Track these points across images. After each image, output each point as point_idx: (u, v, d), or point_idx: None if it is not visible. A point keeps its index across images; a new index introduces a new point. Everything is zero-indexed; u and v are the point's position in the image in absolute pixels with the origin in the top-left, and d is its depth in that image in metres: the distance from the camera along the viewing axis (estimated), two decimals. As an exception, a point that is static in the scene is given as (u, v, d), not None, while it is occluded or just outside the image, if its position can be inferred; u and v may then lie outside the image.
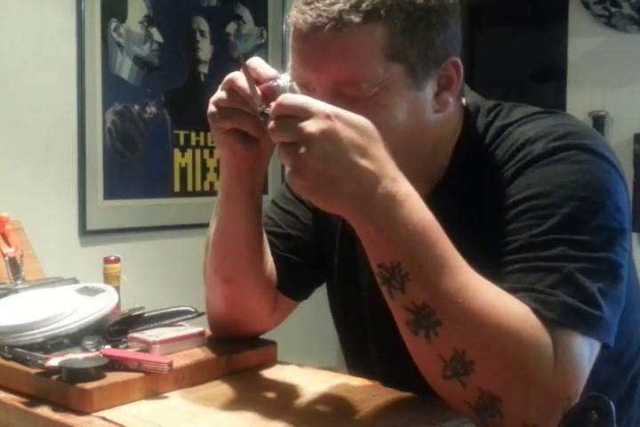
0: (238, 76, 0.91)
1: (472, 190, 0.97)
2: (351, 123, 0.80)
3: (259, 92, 0.89)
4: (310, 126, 0.78)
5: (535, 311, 0.81)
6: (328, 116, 0.79)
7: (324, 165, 0.78)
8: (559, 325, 0.81)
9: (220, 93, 0.93)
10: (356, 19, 0.87)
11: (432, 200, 0.96)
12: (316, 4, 0.88)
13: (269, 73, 0.91)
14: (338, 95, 0.89)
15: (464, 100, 1.02)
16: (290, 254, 1.12)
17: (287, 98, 0.82)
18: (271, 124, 0.82)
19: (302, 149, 0.78)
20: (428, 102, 0.93)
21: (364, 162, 0.79)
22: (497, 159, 0.95)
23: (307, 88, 0.91)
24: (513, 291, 0.83)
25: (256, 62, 0.92)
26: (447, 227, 0.83)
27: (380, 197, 0.80)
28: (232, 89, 0.91)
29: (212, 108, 0.93)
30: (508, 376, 0.79)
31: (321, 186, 0.79)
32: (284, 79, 0.91)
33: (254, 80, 0.90)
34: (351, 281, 1.11)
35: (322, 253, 1.15)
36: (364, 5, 0.87)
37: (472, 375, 0.79)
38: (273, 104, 0.82)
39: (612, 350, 0.86)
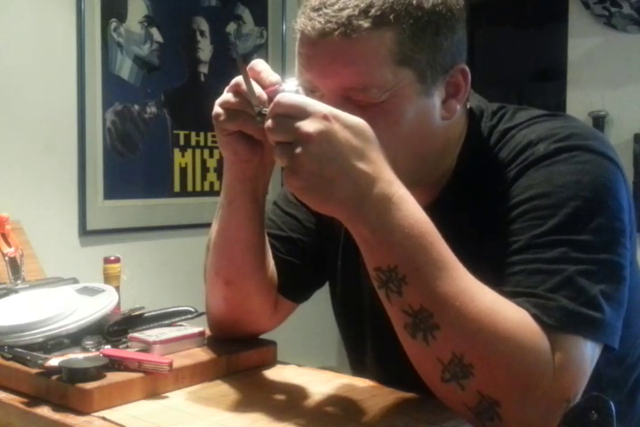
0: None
1: (477, 194, 0.97)
2: (348, 124, 0.80)
3: (263, 95, 0.89)
4: (307, 126, 0.78)
5: (535, 317, 0.81)
6: (325, 117, 0.79)
7: (319, 165, 0.78)
8: (559, 330, 0.81)
9: (225, 95, 0.93)
10: (366, 24, 0.86)
11: (437, 205, 0.96)
12: (325, 11, 0.87)
13: (272, 79, 0.91)
14: (346, 101, 0.89)
15: (468, 104, 1.02)
16: (291, 257, 1.12)
17: (285, 96, 0.82)
18: (268, 122, 0.81)
19: (298, 149, 0.78)
20: (435, 109, 0.93)
21: (360, 164, 0.79)
22: (500, 162, 0.95)
23: (314, 94, 0.91)
24: (513, 295, 0.83)
25: (260, 66, 0.92)
26: (452, 231, 0.83)
27: (375, 200, 0.80)
28: (238, 91, 0.91)
29: (217, 109, 0.93)
30: (507, 381, 0.79)
31: (316, 187, 0.79)
32: (291, 84, 0.91)
33: (250, 80, 0.90)
34: (353, 285, 1.11)
35: (324, 255, 1.15)
36: (372, 11, 0.86)
37: (471, 379, 0.79)
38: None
39: (615, 351, 0.86)
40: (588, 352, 0.83)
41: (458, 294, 0.79)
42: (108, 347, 1.02)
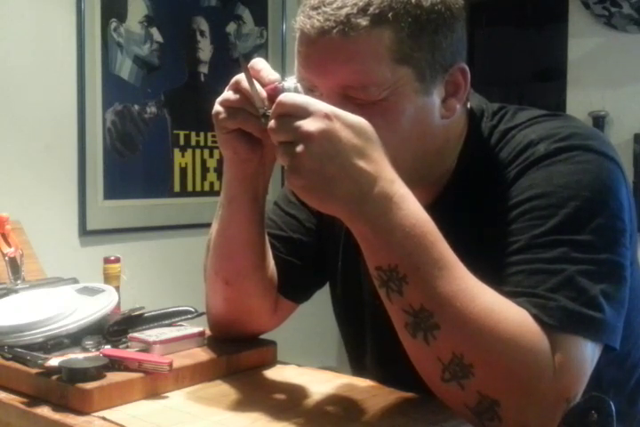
0: (245, 78, 0.91)
1: (477, 194, 0.97)
2: (349, 123, 0.80)
3: (263, 93, 0.89)
4: (308, 125, 0.78)
5: (535, 317, 0.81)
6: (327, 116, 0.79)
7: (321, 164, 0.78)
8: (559, 330, 0.81)
9: (226, 93, 0.93)
10: (364, 22, 0.86)
11: (437, 204, 0.96)
12: (324, 9, 0.87)
13: (272, 77, 0.91)
14: (345, 99, 0.89)
15: (468, 104, 1.02)
16: (291, 257, 1.12)
17: (286, 96, 0.82)
18: (271, 123, 0.82)
19: (299, 148, 0.78)
20: (435, 108, 0.93)
21: (361, 162, 0.79)
22: (500, 162, 0.95)
23: (313, 93, 0.91)
24: (513, 295, 0.83)
25: (260, 65, 0.92)
26: (452, 231, 0.83)
27: (376, 198, 0.80)
28: (238, 89, 0.91)
29: (217, 107, 0.93)
30: (507, 381, 0.79)
31: (317, 186, 0.79)
32: (290, 81, 0.91)
33: (253, 81, 0.90)
34: (354, 285, 1.11)
35: (324, 256, 1.15)
36: (371, 9, 0.86)
37: (471, 379, 0.79)
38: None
39: (617, 352, 0.86)
40: (589, 352, 0.83)
41: (458, 293, 0.79)
42: (108, 347, 1.02)
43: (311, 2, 0.90)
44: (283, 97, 0.81)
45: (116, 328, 1.06)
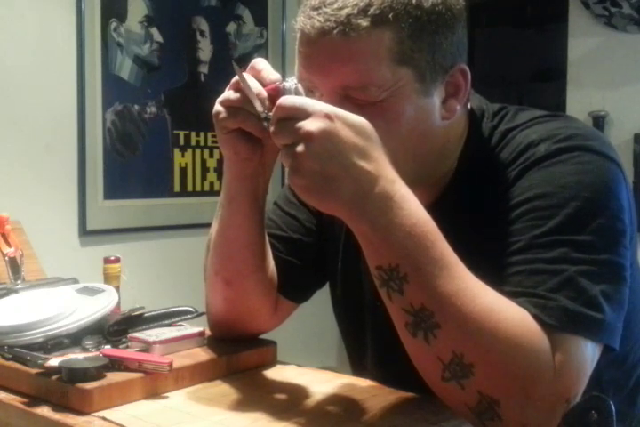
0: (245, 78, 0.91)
1: (478, 194, 0.97)
2: (350, 123, 0.80)
3: (263, 93, 0.89)
4: (309, 125, 0.78)
5: (535, 317, 0.81)
6: (327, 116, 0.79)
7: (321, 164, 0.78)
8: (559, 330, 0.81)
9: (226, 93, 0.93)
10: (365, 23, 0.86)
11: (438, 205, 0.96)
12: (324, 9, 0.88)
13: (272, 77, 0.91)
14: (345, 100, 0.89)
15: (469, 104, 1.02)
16: (291, 257, 1.12)
17: (286, 99, 0.82)
18: (272, 127, 0.82)
19: (300, 148, 0.78)
20: (435, 109, 0.93)
21: (362, 162, 0.79)
22: (501, 162, 0.95)
23: (314, 93, 0.91)
24: (514, 295, 0.83)
25: (261, 65, 0.92)
26: (452, 231, 0.83)
27: (377, 198, 0.80)
28: (239, 89, 0.91)
29: (217, 107, 0.93)
30: (507, 381, 0.79)
31: (318, 185, 0.79)
32: (291, 82, 0.91)
33: (248, 85, 0.90)
34: (354, 285, 1.11)
35: (324, 256, 1.15)
36: (372, 10, 0.87)
37: (471, 378, 0.79)
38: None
39: (616, 352, 0.86)
40: (589, 353, 0.83)
41: (459, 293, 0.79)
42: (108, 347, 1.02)
43: (312, 2, 0.90)
44: (282, 100, 0.82)
45: (116, 328, 1.06)
